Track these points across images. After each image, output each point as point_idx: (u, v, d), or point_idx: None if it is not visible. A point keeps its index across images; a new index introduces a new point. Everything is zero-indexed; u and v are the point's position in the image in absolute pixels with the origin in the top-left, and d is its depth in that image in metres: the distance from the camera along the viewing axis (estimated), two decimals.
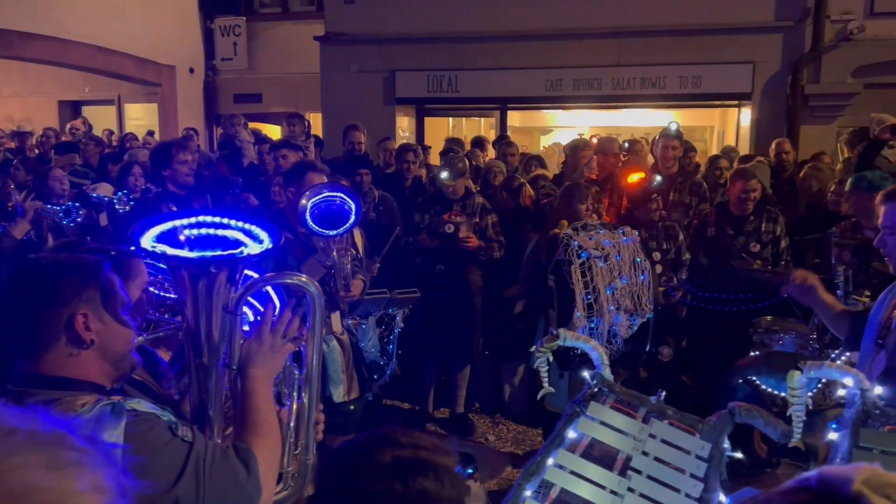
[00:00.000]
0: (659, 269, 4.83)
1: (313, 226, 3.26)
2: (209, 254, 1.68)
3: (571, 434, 1.94)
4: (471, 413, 5.54)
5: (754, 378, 3.79)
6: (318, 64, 10.57)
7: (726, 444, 1.85)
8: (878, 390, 1.86)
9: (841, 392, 1.94)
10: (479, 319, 5.24)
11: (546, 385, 2.23)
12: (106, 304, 1.59)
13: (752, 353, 4.32)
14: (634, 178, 5.06)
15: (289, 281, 1.83)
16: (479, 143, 8.47)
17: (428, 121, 11.08)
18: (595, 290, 3.72)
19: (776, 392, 3.71)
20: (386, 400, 5.68)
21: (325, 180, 3.58)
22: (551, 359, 2.19)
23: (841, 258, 4.03)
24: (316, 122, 10.65)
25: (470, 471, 4.17)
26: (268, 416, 1.76)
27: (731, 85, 9.49)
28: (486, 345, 5.42)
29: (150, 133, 10.30)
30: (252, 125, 9.39)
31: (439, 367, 5.45)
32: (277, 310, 1.84)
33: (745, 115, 9.72)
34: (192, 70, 13.57)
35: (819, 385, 3.39)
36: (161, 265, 2.12)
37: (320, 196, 3.25)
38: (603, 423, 1.94)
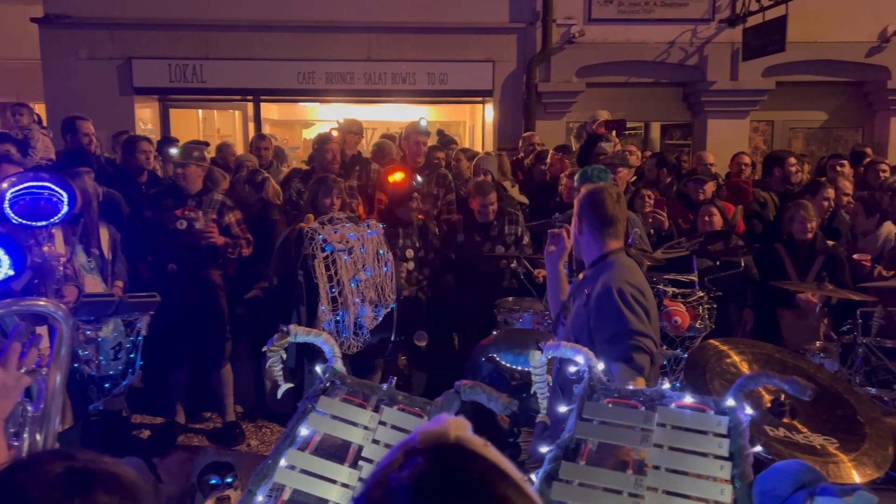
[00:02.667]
0: (411, 265, 5.00)
1: (14, 217, 2.89)
2: None
3: (304, 432, 1.91)
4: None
5: (495, 355, 4.05)
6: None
7: None
8: (601, 366, 2.00)
9: (572, 368, 2.06)
10: (226, 319, 5.00)
11: (282, 383, 2.18)
12: None
13: (493, 332, 4.63)
14: (396, 177, 5.16)
15: (36, 309, 1.59)
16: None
17: (174, 112, 10.38)
18: (339, 283, 3.75)
19: (514, 366, 4.01)
20: (135, 416, 5.25)
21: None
22: (284, 356, 2.14)
23: None
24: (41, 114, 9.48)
25: (230, 480, 3.96)
26: None
27: (474, 82, 10.09)
28: (248, 347, 5.22)
29: None
30: None
31: (189, 374, 5.13)
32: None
33: (489, 111, 10.39)
34: None
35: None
36: None
37: (22, 186, 2.88)
38: (334, 417, 1.92)
